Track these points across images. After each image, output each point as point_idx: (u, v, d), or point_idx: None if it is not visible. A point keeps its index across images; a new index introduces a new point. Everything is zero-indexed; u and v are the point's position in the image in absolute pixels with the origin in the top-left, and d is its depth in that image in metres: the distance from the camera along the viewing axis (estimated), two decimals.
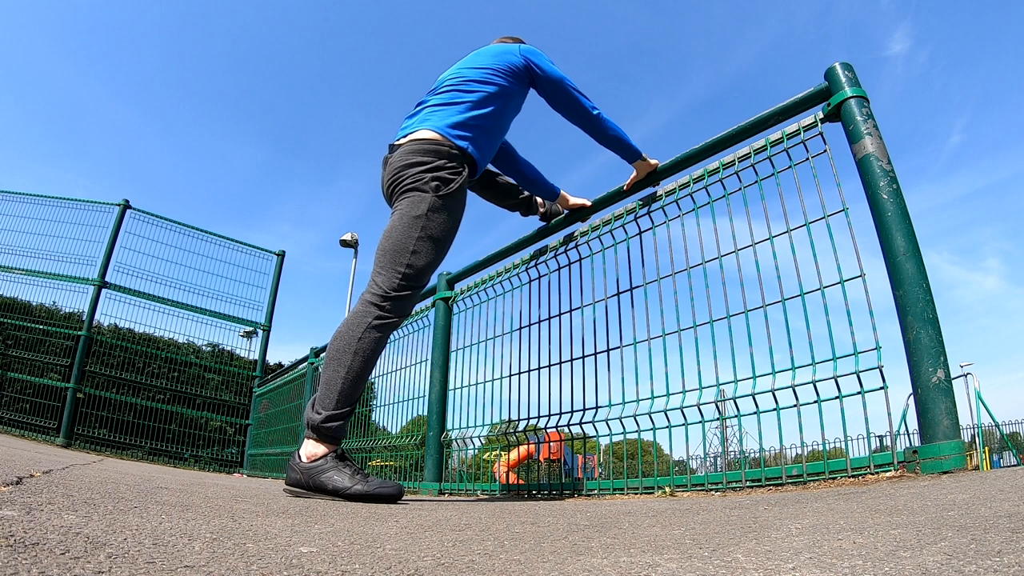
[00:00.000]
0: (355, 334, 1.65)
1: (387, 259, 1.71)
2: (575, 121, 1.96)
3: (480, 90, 1.86)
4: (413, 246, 1.70)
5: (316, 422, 1.62)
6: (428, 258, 1.73)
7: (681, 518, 0.98)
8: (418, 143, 1.79)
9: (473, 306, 2.84)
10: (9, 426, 6.01)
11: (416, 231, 1.70)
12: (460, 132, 1.81)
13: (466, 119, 1.83)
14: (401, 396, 3.27)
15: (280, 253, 7.85)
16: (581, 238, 2.31)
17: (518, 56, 1.90)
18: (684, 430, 1.76)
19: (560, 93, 1.93)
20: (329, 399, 1.63)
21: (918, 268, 1.34)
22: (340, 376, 1.63)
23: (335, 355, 1.66)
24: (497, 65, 1.89)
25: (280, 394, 5.82)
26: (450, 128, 1.81)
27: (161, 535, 0.64)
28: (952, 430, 1.21)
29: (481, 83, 1.86)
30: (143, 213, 6.89)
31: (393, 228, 1.73)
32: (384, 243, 1.73)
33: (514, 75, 1.90)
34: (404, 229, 1.71)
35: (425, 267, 1.73)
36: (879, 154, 1.44)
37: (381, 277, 1.70)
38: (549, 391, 2.29)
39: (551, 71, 1.91)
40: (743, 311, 1.65)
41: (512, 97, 1.92)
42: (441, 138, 1.79)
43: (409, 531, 0.88)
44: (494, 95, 1.87)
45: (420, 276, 1.73)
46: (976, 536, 0.58)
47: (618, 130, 1.97)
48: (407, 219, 1.72)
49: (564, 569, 0.59)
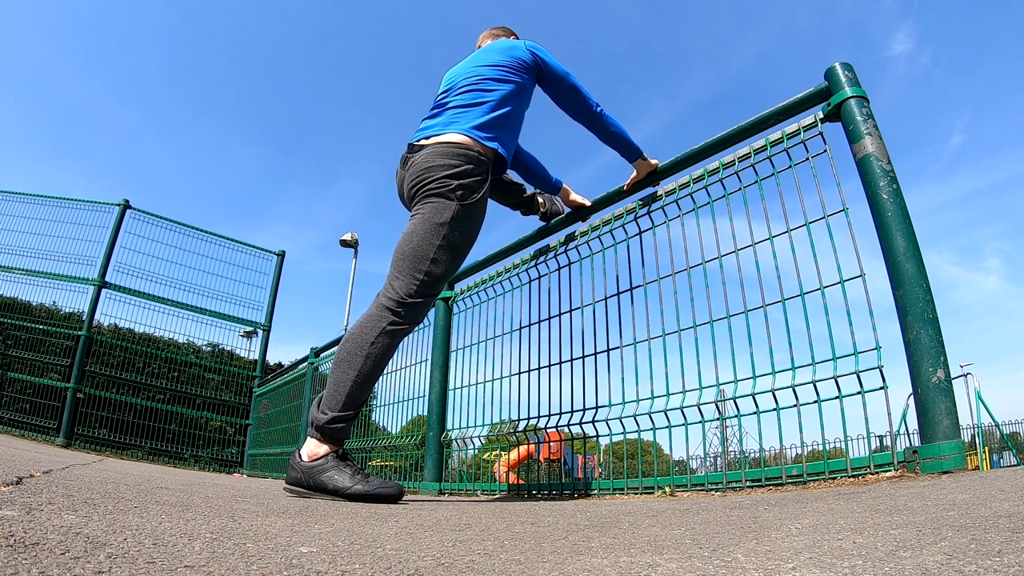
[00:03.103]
0: (368, 338, 1.64)
1: (406, 264, 1.69)
2: (578, 117, 1.96)
3: (499, 88, 1.85)
4: (434, 254, 1.68)
5: (321, 422, 1.61)
6: (446, 267, 1.72)
7: (681, 518, 0.98)
8: (446, 146, 1.76)
9: (473, 306, 2.84)
10: (9, 426, 6.01)
11: (438, 239, 1.69)
12: (487, 133, 1.80)
13: (491, 119, 1.82)
14: (401, 396, 3.28)
15: (280, 253, 7.85)
16: (581, 238, 2.31)
17: (525, 51, 1.90)
18: (684, 430, 1.76)
19: (565, 89, 1.93)
20: (336, 400, 1.63)
21: (918, 268, 1.34)
22: (350, 379, 1.63)
23: (346, 357, 1.65)
24: (509, 61, 1.88)
25: (280, 394, 5.82)
26: (477, 130, 1.79)
27: (161, 535, 0.64)
28: (952, 430, 1.21)
29: (499, 81, 1.86)
30: (143, 213, 6.89)
31: (414, 232, 1.71)
32: (404, 247, 1.71)
33: (526, 70, 1.90)
34: (426, 235, 1.69)
35: (442, 275, 1.72)
36: (879, 154, 1.44)
37: (399, 282, 1.68)
38: (549, 391, 2.29)
39: (557, 67, 1.92)
40: (743, 311, 1.65)
41: (525, 92, 1.92)
42: (471, 141, 1.77)
43: (409, 531, 0.88)
44: (512, 93, 1.87)
45: (436, 284, 1.72)
46: (976, 536, 0.58)
47: (619, 128, 1.97)
48: (430, 225, 1.70)
49: (564, 569, 0.59)
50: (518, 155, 2.21)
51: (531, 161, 2.23)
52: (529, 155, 2.23)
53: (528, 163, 2.23)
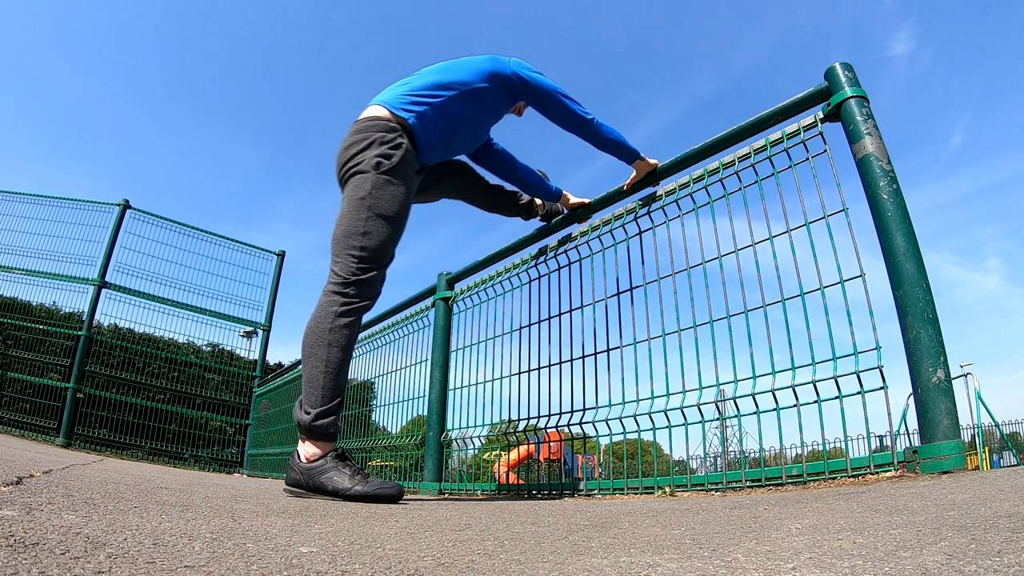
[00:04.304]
0: (324, 326, 1.64)
1: (339, 246, 1.69)
2: (571, 129, 1.94)
3: (446, 77, 1.83)
4: (363, 227, 1.68)
5: (307, 422, 1.60)
6: (382, 235, 1.71)
7: (681, 518, 0.98)
8: (360, 123, 1.79)
9: (473, 306, 2.84)
10: (9, 426, 6.01)
11: (363, 212, 1.69)
12: (403, 104, 1.79)
13: (418, 94, 1.81)
14: (401, 396, 3.27)
15: (280, 253, 7.85)
16: (581, 238, 2.31)
17: (507, 68, 1.88)
18: (684, 430, 1.76)
19: (553, 103, 1.90)
20: (314, 396, 1.62)
21: (918, 268, 1.34)
22: (319, 371, 1.62)
23: (309, 351, 1.65)
24: (480, 65, 1.86)
25: (280, 394, 5.82)
26: (393, 100, 1.80)
27: (161, 535, 0.64)
28: (952, 430, 1.21)
29: (453, 70, 1.85)
30: (143, 213, 6.89)
31: (341, 216, 1.72)
32: (335, 232, 1.72)
33: (493, 79, 1.86)
34: (351, 213, 1.70)
35: (381, 245, 1.71)
36: (879, 154, 1.44)
37: (338, 265, 1.69)
38: (549, 391, 2.29)
39: (541, 81, 1.89)
40: (743, 311, 1.65)
41: (483, 97, 1.88)
42: (386, 113, 1.78)
43: (409, 531, 0.88)
44: (461, 87, 1.83)
45: (378, 255, 1.71)
46: (976, 536, 0.58)
47: (614, 133, 1.96)
48: (352, 203, 1.71)
49: (564, 569, 0.59)
50: (515, 171, 2.21)
51: (530, 175, 2.24)
52: (527, 168, 2.25)
53: (527, 178, 2.24)
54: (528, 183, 2.25)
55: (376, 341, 3.73)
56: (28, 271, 6.59)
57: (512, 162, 2.21)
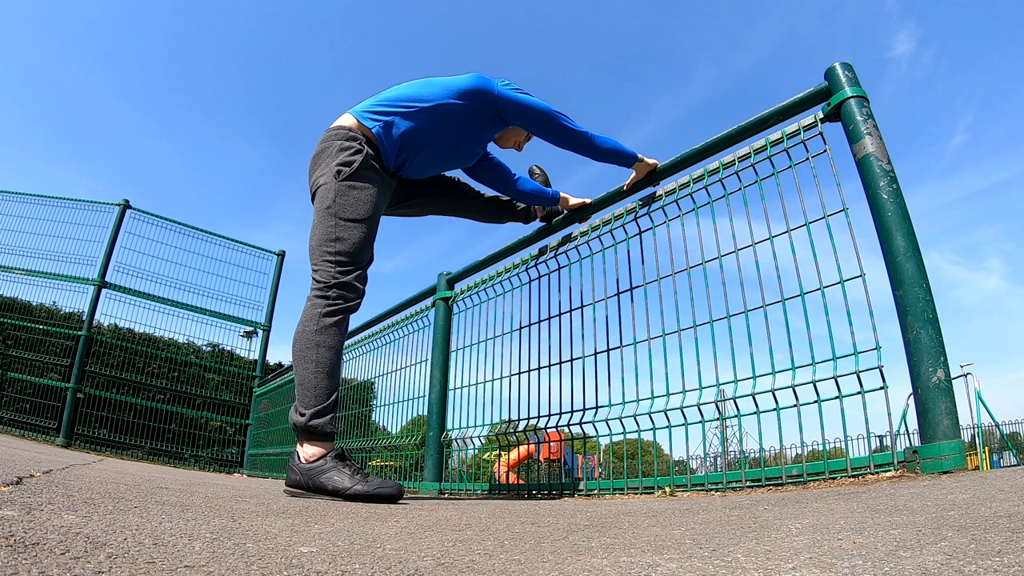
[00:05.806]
0: (311, 327, 1.67)
1: (316, 255, 1.73)
2: (567, 145, 1.93)
3: (422, 89, 1.83)
4: (336, 234, 1.71)
5: (302, 423, 1.62)
6: (355, 238, 1.73)
7: (681, 518, 0.98)
8: (327, 132, 1.83)
9: (473, 306, 2.84)
10: (9, 426, 6.01)
11: (331, 220, 1.72)
12: (373, 115, 1.81)
13: (388, 104, 1.82)
14: (401, 396, 3.27)
15: (280, 253, 7.85)
16: (581, 238, 2.31)
17: (490, 87, 1.83)
18: (684, 430, 1.76)
19: (545, 122, 1.88)
20: (307, 397, 1.63)
21: (918, 268, 1.34)
22: (311, 372, 1.64)
23: (299, 355, 1.67)
24: (457, 85, 1.82)
25: (280, 394, 5.81)
26: (364, 109, 1.83)
27: (161, 535, 0.64)
28: (952, 430, 1.21)
29: (429, 86, 1.83)
30: (143, 213, 6.89)
31: (313, 227, 1.76)
32: (310, 242, 1.76)
33: (471, 96, 1.82)
34: (321, 224, 1.73)
35: (356, 247, 1.73)
36: (879, 154, 1.44)
37: (318, 272, 1.72)
38: (549, 391, 2.29)
39: (530, 102, 1.86)
40: (743, 311, 1.65)
41: (457, 115, 1.83)
42: (353, 122, 1.81)
43: (409, 531, 0.88)
44: (431, 99, 1.81)
45: (355, 256, 1.73)
46: (976, 536, 0.58)
47: (610, 142, 1.95)
48: (321, 214, 1.74)
49: (564, 569, 0.59)
50: (512, 184, 2.21)
51: (527, 186, 2.25)
52: (523, 179, 2.25)
53: (524, 188, 2.24)
54: (526, 194, 2.25)
55: (376, 341, 3.73)
56: (28, 271, 6.59)
57: (508, 176, 2.21)
